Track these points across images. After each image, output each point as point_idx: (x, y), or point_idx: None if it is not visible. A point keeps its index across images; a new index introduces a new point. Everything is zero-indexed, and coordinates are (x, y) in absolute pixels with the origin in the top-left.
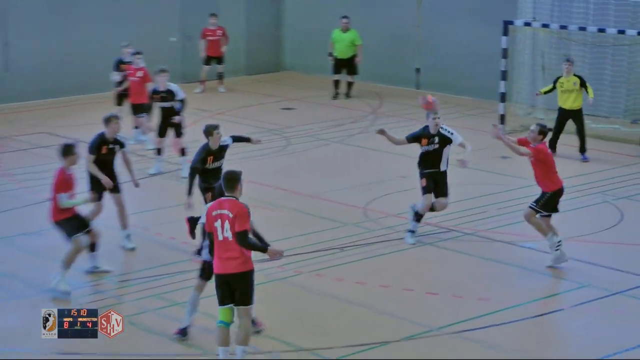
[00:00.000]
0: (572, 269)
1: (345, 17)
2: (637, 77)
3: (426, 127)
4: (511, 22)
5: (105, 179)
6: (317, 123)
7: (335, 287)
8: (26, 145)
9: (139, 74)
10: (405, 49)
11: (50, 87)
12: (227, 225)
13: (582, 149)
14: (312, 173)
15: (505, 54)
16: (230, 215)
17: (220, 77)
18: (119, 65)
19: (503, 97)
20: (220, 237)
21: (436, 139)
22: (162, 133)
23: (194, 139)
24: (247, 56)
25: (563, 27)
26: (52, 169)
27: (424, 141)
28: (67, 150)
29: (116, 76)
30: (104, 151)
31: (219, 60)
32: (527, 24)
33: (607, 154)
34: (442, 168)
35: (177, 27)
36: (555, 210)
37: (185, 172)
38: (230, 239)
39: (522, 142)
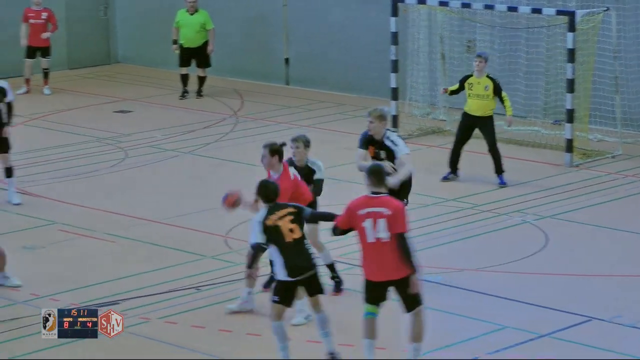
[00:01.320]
0: (485, 307)
1: None
2: (557, 66)
3: None
4: (401, 0)
5: None
6: (162, 129)
7: (193, 336)
8: None
9: None
10: (270, 35)
11: None
12: (382, 224)
13: (498, 170)
14: (158, 193)
15: (395, 39)
16: (388, 213)
17: (45, 74)
18: None
19: (395, 94)
20: (372, 239)
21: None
22: None
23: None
24: (68, 45)
25: (465, 6)
26: None
27: None
28: None
29: None
30: None
31: (44, 51)
32: (421, 2)
33: (526, 163)
34: None
35: None
36: None
37: (14, 198)
38: (386, 240)
39: None
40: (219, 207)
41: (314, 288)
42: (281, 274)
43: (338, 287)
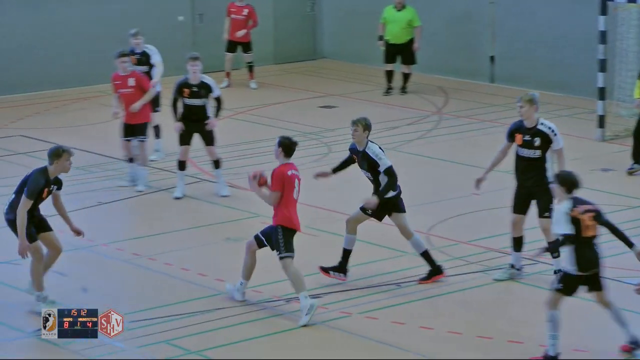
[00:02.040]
0: None
1: None
2: None
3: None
4: None
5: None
6: None
7: (393, 333)
8: None
9: (131, 81)
10: (476, 33)
11: (22, 79)
12: None
13: None
14: (359, 189)
15: (603, 38)
16: None
17: (250, 68)
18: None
19: (602, 94)
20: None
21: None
22: (185, 140)
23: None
24: (275, 41)
25: None
26: None
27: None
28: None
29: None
30: (45, 194)
31: (245, 47)
32: (632, 1)
33: None
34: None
35: (186, 1)
36: None
37: (223, 190)
38: None
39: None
40: (418, 204)
41: (596, 285)
42: (570, 267)
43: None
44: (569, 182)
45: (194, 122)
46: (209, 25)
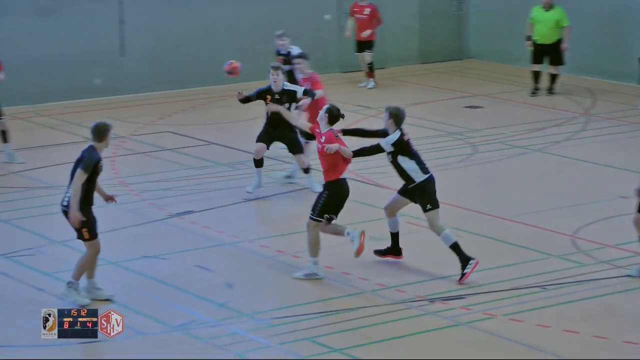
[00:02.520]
0: None
1: None
2: None
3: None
4: None
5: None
6: (511, 126)
7: (538, 335)
8: (145, 148)
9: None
10: (626, 33)
11: (171, 76)
12: None
13: None
14: (505, 189)
15: None
16: None
17: (369, 68)
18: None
19: None
20: None
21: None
22: (265, 139)
23: None
24: (420, 40)
25: None
26: (178, 177)
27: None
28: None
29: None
30: (99, 169)
31: (367, 45)
32: None
33: None
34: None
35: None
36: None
37: (316, 186)
38: None
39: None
40: (565, 205)
41: None
42: None
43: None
44: None
45: (275, 129)
46: None
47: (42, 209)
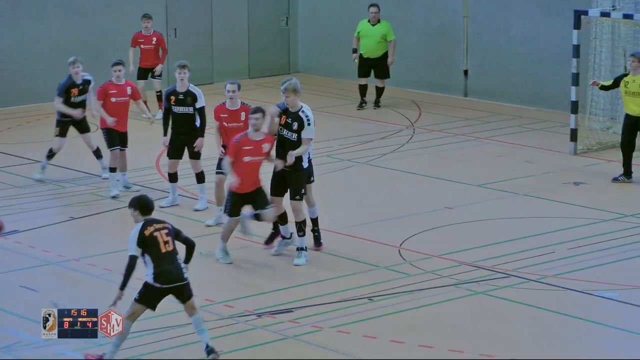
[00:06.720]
0: None
1: (374, 5)
2: None
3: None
4: (584, 12)
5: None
6: (339, 139)
7: (365, 346)
8: None
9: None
10: (451, 47)
11: None
12: None
13: None
14: (333, 202)
15: (576, 52)
16: None
17: (158, 98)
18: (69, 90)
19: (575, 107)
20: None
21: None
22: (175, 153)
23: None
24: (250, 55)
25: None
26: (3, 196)
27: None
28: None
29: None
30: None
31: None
32: (605, 15)
33: None
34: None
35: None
36: None
37: (202, 204)
38: None
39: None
40: (391, 217)
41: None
42: None
43: (318, 241)
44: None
45: (181, 134)
46: (181, 40)
47: None
